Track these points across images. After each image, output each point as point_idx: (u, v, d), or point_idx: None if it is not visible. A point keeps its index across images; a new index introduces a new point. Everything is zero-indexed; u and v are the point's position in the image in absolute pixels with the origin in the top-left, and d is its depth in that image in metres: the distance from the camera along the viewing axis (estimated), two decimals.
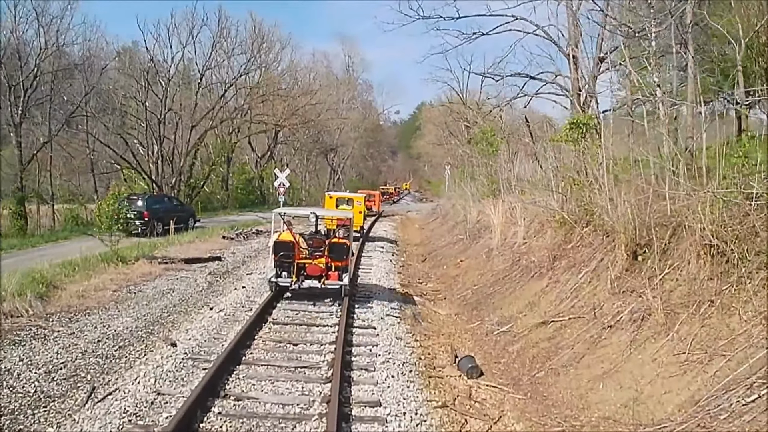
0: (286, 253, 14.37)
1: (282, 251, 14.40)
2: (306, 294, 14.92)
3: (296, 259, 14.46)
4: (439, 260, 24.25)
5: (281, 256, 14.42)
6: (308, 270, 14.49)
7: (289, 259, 14.38)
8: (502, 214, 20.91)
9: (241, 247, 25.97)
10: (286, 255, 14.37)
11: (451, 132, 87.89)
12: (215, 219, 41.73)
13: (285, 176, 36.45)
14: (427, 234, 34.54)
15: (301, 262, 14.57)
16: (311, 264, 14.54)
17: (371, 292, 16.54)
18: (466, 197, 31.22)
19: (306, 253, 14.86)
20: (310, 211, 17.11)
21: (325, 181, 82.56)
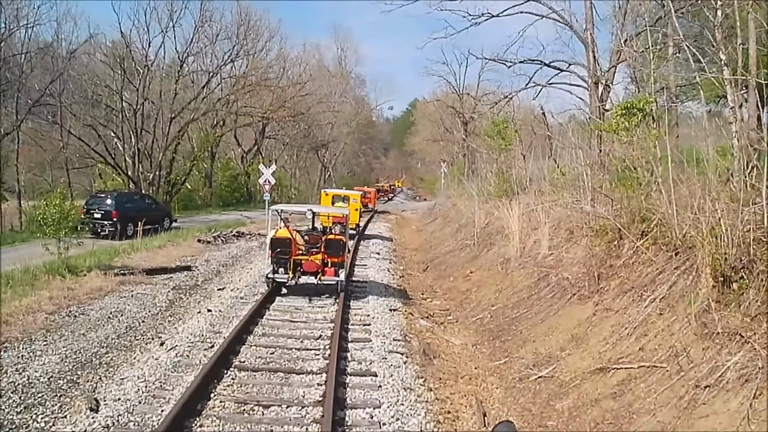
0: (283, 249, 14.52)
1: (279, 248, 14.54)
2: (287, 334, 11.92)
3: (293, 256, 14.59)
4: (444, 270, 21.20)
5: (278, 253, 14.53)
6: (305, 266, 14.60)
7: (285, 255, 14.52)
8: (519, 217, 17.86)
9: (218, 253, 22.85)
10: (282, 251, 14.51)
11: (446, 128, 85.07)
12: (195, 218, 38.58)
13: (271, 172, 33.34)
14: (426, 237, 31.49)
15: (297, 258, 14.68)
16: (308, 260, 14.63)
17: (368, 315, 13.46)
18: (470, 197, 28.23)
19: (303, 249, 14.98)
20: (307, 208, 17.18)
21: (316, 178, 79.44)
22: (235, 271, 19.10)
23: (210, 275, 18.19)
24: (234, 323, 11.81)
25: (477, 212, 24.58)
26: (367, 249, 25.59)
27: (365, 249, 25.70)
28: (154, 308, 13.69)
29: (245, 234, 28.86)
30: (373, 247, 25.95)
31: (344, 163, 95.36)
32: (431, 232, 32.41)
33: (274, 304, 13.83)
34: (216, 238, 26.55)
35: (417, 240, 31.51)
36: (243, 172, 52.97)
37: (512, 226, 17.85)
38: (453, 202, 37.15)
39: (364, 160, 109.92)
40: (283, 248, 14.57)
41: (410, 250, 27.58)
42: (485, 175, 27.83)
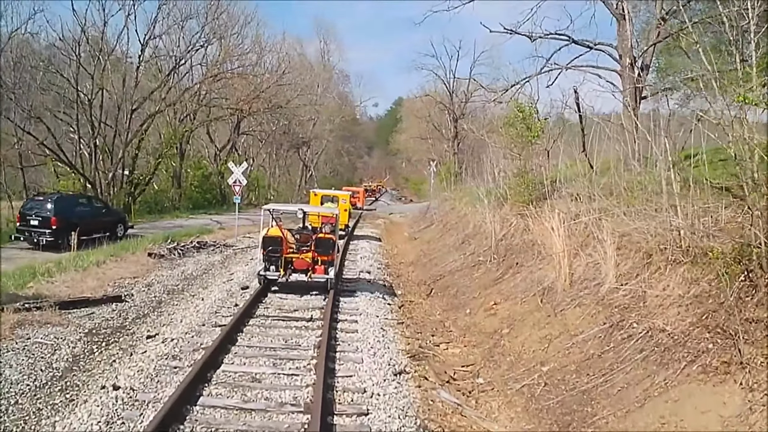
0: (274, 247, 14.86)
1: (270, 246, 14.87)
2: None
3: (284, 254, 14.91)
4: (454, 296, 16.62)
5: (270, 251, 14.89)
6: (295, 264, 14.92)
7: (277, 253, 14.87)
8: (564, 231, 13.35)
9: (168, 272, 18.17)
10: (274, 249, 14.86)
11: (435, 125, 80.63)
12: (158, 224, 33.80)
13: (241, 171, 28.73)
14: (422, 248, 26.90)
15: (288, 256, 14.98)
16: (298, 258, 14.96)
17: (363, 388, 8.83)
18: (475, 200, 23.76)
19: (294, 247, 15.24)
20: (298, 208, 17.42)
21: (297, 178, 74.71)
22: (182, 301, 14.39)
23: (146, 309, 13.49)
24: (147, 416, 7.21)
25: (490, 220, 20.11)
26: (355, 264, 21.00)
27: (352, 264, 21.13)
28: (44, 373, 9.09)
29: (208, 244, 24.18)
30: (363, 263, 21.34)
31: (327, 163, 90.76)
32: (428, 242, 27.84)
33: (221, 374, 9.14)
34: (172, 250, 21.87)
35: (412, 251, 26.93)
36: (216, 171, 48.14)
37: (555, 242, 13.34)
38: (451, 205, 32.65)
39: (347, 160, 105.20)
40: (275, 246, 14.88)
41: (406, 265, 23.03)
42: (496, 175, 23.28)
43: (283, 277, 14.80)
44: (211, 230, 30.24)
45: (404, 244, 29.78)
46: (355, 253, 24.15)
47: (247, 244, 25.69)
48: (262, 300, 13.96)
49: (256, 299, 13.64)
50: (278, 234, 15.13)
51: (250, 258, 21.32)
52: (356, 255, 23.63)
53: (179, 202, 44.30)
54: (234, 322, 11.31)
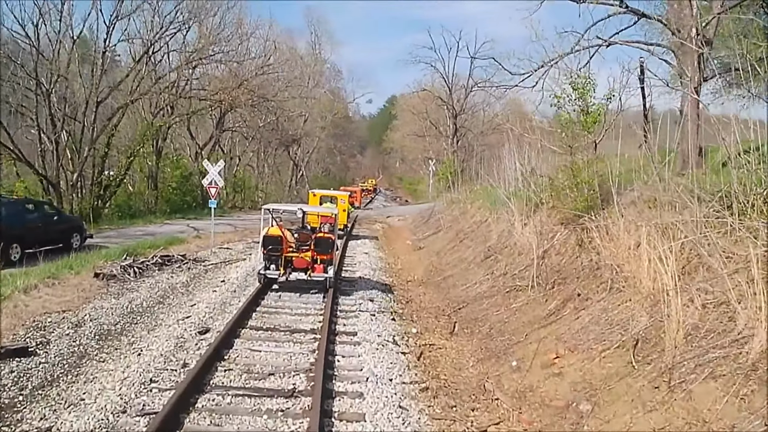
0: (274, 246, 15.05)
1: (270, 245, 15.06)
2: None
3: (284, 253, 15.11)
4: (489, 334, 12.47)
5: (270, 250, 15.08)
6: (295, 263, 15.13)
7: (277, 252, 15.09)
8: (653, 252, 9.28)
9: (113, 301, 14.02)
10: (274, 249, 15.06)
11: (432, 122, 76.48)
12: (126, 231, 29.62)
13: (218, 171, 24.61)
14: (432, 260, 22.77)
15: (288, 255, 15.17)
16: (298, 257, 15.17)
17: None
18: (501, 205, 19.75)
19: (293, 247, 15.36)
20: (298, 208, 17.43)
21: (288, 178, 70.50)
22: (113, 355, 10.20)
23: (58, 371, 9.32)
24: None
25: (520, 230, 16.09)
26: (354, 287, 16.84)
27: (350, 286, 17.00)
28: None
29: (175, 259, 19.98)
30: (363, 285, 17.17)
31: (318, 162, 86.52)
32: (437, 253, 23.70)
33: None
34: (127, 268, 17.66)
35: (419, 264, 22.78)
36: (197, 171, 43.83)
37: (641, 268, 9.30)
38: (461, 208, 28.55)
39: (339, 159, 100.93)
40: (275, 246, 15.05)
41: (415, 285, 18.86)
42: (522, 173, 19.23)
43: (283, 276, 15.05)
44: (184, 239, 26.04)
45: (408, 255, 25.65)
46: (352, 267, 20.07)
47: (223, 258, 21.55)
48: (225, 358, 9.76)
49: (215, 356, 9.49)
50: (278, 233, 15.28)
51: (221, 279, 17.20)
52: (354, 271, 19.55)
53: (156, 206, 40.05)
54: (170, 408, 7.18)
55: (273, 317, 12.71)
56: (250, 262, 20.38)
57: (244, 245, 25.37)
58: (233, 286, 15.66)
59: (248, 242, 26.53)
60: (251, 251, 23.49)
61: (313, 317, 12.80)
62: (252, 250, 23.68)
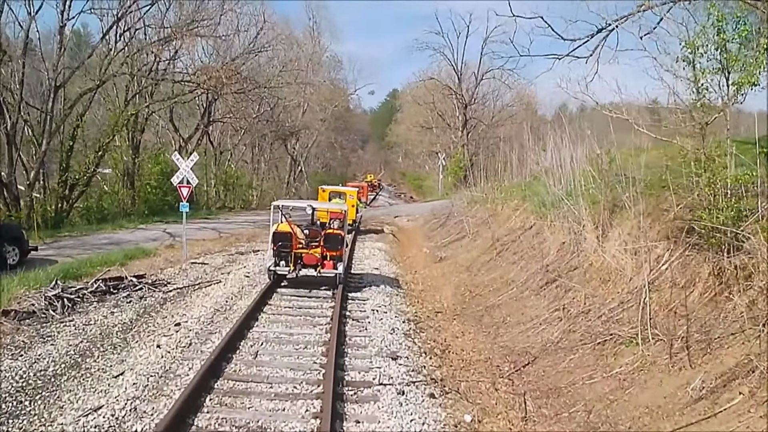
0: (284, 243, 14.97)
1: (280, 241, 14.98)
2: None
3: (294, 249, 15.02)
4: (590, 424, 7.62)
5: (280, 246, 15.00)
6: (305, 259, 15.06)
7: (287, 248, 14.98)
8: None
9: (6, 364, 9.11)
10: (284, 245, 14.97)
11: (440, 114, 71.36)
12: (89, 239, 24.79)
13: (189, 167, 19.94)
14: (462, 277, 17.91)
15: (298, 251, 15.09)
16: (308, 253, 15.05)
17: None
18: (555, 209, 14.96)
19: (303, 243, 15.24)
20: (307, 204, 17.21)
21: (285, 174, 65.56)
22: None
23: None
24: None
25: (601, 247, 11.32)
26: (368, 335, 11.86)
27: (361, 331, 12.09)
28: None
29: (126, 283, 15.10)
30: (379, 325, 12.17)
31: (318, 157, 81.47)
32: (467, 267, 18.82)
33: None
34: (55, 299, 12.84)
35: (446, 284, 17.87)
36: None
37: None
38: (489, 209, 23.69)
39: (340, 154, 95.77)
40: (285, 242, 14.96)
41: (447, 318, 13.85)
42: (575, 168, 14.41)
43: (292, 272, 15.00)
44: (152, 251, 21.22)
45: (428, 269, 20.75)
46: (362, 294, 15.11)
47: (192, 279, 16.69)
48: None
49: None
50: (288, 230, 15.20)
51: (177, 320, 12.26)
52: (364, 298, 14.61)
53: (133, 207, 35.14)
54: None
55: (237, 412, 7.73)
56: (228, 285, 15.54)
57: (224, 258, 20.50)
58: (189, 336, 10.73)
59: (231, 253, 21.67)
60: (233, 266, 18.68)
61: (304, 405, 7.89)
62: (233, 265, 18.87)
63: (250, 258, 20.37)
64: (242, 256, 20.89)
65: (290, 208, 18.16)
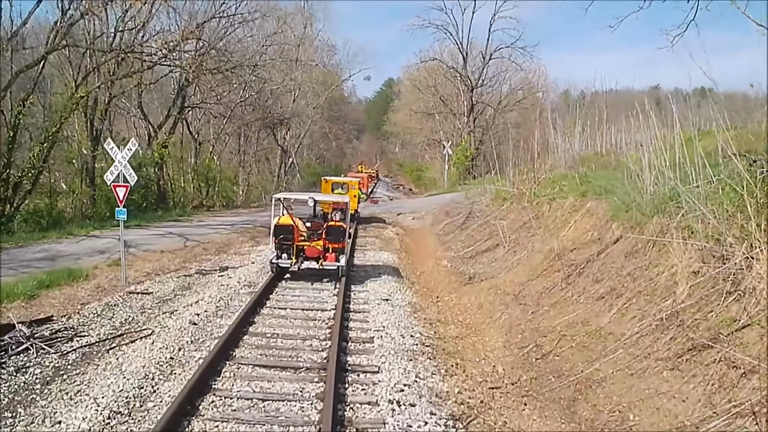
0: (285, 235, 14.90)
1: (282, 234, 14.92)
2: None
3: (295, 242, 14.95)
4: None
5: (281, 239, 14.93)
6: (307, 252, 14.94)
7: (288, 241, 14.92)
8: None
9: None
10: (285, 237, 14.91)
11: (443, 99, 65.64)
12: (18, 254, 19.15)
13: (126, 159, 14.59)
14: (515, 314, 12.42)
15: (300, 244, 15.02)
16: (310, 246, 14.95)
17: None
18: (657, 216, 9.52)
19: (305, 235, 15.24)
20: (309, 196, 16.76)
21: (276, 167, 60.07)
22: None
23: None
24: None
25: None
26: None
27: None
28: None
29: (14, 336, 9.74)
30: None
31: (311, 147, 75.92)
32: (517, 296, 13.24)
33: None
34: None
35: (491, 325, 12.43)
36: (152, 161, 33.43)
37: None
38: (530, 210, 18.24)
39: (335, 144, 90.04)
40: (286, 235, 14.88)
41: (515, 407, 8.37)
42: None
43: (294, 265, 14.72)
44: (84, 272, 15.86)
45: (456, 294, 15.33)
46: (368, 368, 9.55)
47: (121, 321, 11.39)
48: None
49: None
50: (289, 222, 15.05)
51: (64, 410, 6.88)
52: (373, 373, 9.02)
53: (93, 209, 29.67)
54: None
55: None
56: (161, 340, 10.11)
57: (177, 282, 15.09)
58: None
59: (189, 273, 16.28)
60: (182, 299, 13.34)
61: None
62: (184, 297, 13.52)
63: (211, 282, 14.97)
64: (202, 279, 15.49)
65: (291, 200, 17.86)
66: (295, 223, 15.16)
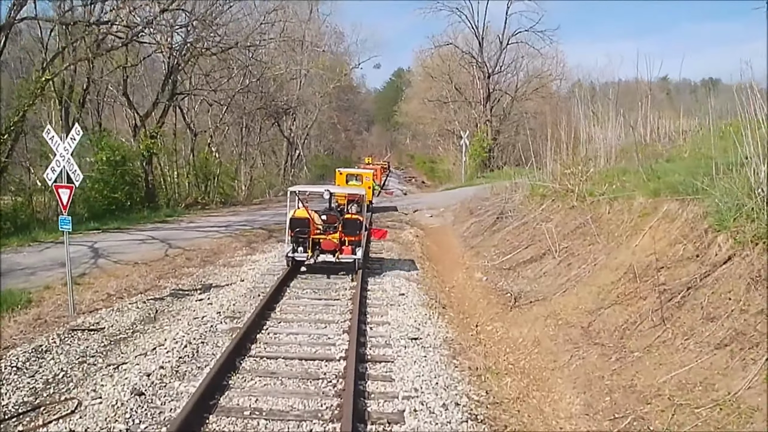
0: (301, 229, 14.77)
1: (298, 227, 14.79)
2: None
3: (311, 235, 14.87)
4: None
5: (297, 232, 14.81)
6: (323, 245, 14.84)
7: (304, 234, 14.80)
8: None
9: None
10: (301, 231, 14.78)
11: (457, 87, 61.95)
12: None
13: (69, 152, 11.28)
14: (590, 358, 9.09)
15: (316, 237, 14.94)
16: (326, 239, 14.87)
17: None
18: None
19: (321, 229, 15.21)
20: (324, 189, 16.50)
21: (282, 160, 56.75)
22: None
23: None
24: None
25: None
26: None
27: None
28: None
29: None
30: None
31: (320, 139, 72.48)
32: (587, 329, 9.92)
33: None
34: None
35: (558, 375, 9.13)
36: (139, 153, 30.03)
37: None
38: (584, 209, 14.75)
39: (344, 136, 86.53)
40: (302, 228, 14.77)
41: None
42: None
43: (310, 258, 14.58)
44: (30, 294, 12.56)
45: (501, 323, 11.83)
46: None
47: (44, 381, 7.96)
48: None
49: None
50: (305, 215, 14.93)
51: None
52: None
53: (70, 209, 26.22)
54: None
55: None
56: (101, 411, 6.79)
57: (142, 310, 11.70)
58: None
59: (161, 296, 12.92)
60: (142, 338, 10.00)
61: None
62: (145, 335, 10.17)
63: (184, 312, 11.63)
64: (175, 306, 12.13)
65: (307, 193, 17.81)
66: (311, 216, 15.03)
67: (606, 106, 23.44)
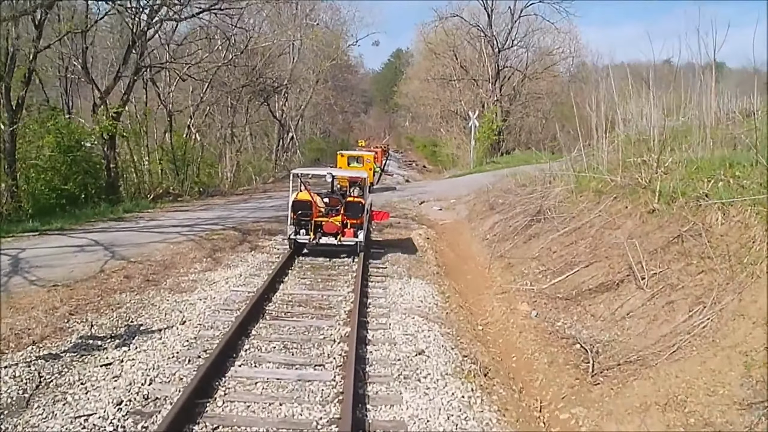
0: (303, 211, 14.86)
1: (300, 210, 14.87)
2: None
3: (314, 218, 14.93)
4: None
5: (299, 215, 14.88)
6: (325, 227, 14.96)
7: (306, 217, 14.88)
8: None
9: None
10: (303, 213, 14.87)
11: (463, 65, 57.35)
12: None
13: None
14: None
15: (318, 220, 15.01)
16: (328, 222, 14.98)
17: None
18: None
19: (323, 211, 15.26)
20: (327, 171, 16.88)
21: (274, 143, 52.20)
22: None
23: None
24: None
25: None
26: None
27: None
28: None
29: None
30: None
31: (315, 121, 67.69)
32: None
33: None
34: None
35: None
36: (98, 136, 25.49)
37: None
38: (685, 219, 10.30)
39: (341, 118, 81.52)
40: (304, 210, 14.83)
41: None
42: None
43: (312, 241, 14.70)
44: None
45: (581, 407, 7.53)
46: None
47: None
48: None
49: None
50: (308, 198, 15.00)
51: None
52: None
53: (12, 204, 21.87)
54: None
55: None
56: None
57: (24, 376, 7.29)
58: None
59: (64, 345, 8.50)
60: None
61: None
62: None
63: (75, 389, 7.23)
64: (70, 373, 7.68)
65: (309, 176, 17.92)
66: (313, 198, 15.03)
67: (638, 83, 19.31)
